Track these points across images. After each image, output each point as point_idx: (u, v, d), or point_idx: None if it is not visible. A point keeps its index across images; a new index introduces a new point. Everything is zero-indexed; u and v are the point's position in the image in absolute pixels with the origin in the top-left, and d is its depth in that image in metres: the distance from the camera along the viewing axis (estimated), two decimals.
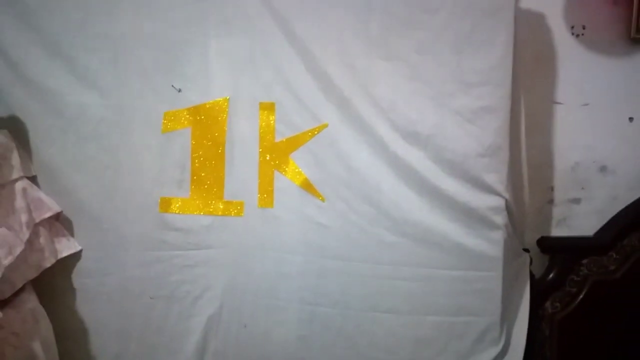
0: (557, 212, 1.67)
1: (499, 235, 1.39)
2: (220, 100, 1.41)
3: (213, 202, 1.43)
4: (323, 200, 1.42)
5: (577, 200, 1.66)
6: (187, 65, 1.40)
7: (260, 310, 1.45)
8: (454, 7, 1.34)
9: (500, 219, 1.38)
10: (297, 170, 1.42)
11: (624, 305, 1.58)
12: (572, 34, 1.60)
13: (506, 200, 1.38)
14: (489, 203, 1.38)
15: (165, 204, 1.43)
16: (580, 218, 1.66)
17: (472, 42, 1.34)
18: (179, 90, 1.40)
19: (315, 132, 1.40)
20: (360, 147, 1.39)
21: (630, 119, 1.62)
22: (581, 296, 1.60)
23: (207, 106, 1.41)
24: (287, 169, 1.42)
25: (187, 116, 1.41)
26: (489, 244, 1.39)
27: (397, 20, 1.35)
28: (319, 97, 1.39)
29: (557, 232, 1.67)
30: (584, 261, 1.61)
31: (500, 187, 1.37)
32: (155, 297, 1.44)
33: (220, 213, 1.44)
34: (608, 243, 1.59)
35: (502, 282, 1.39)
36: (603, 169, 1.63)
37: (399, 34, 1.36)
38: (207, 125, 1.41)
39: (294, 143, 1.42)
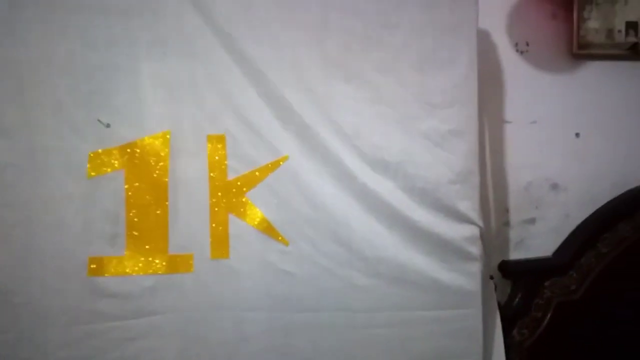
0: (513, 234, 1.85)
1: (475, 267, 1.51)
2: (158, 135, 1.40)
3: (155, 258, 1.41)
4: (287, 244, 1.45)
5: (532, 221, 1.85)
6: (114, 95, 1.37)
7: None
8: (413, 23, 1.47)
9: (476, 249, 1.51)
10: (255, 211, 1.44)
11: (587, 325, 1.79)
12: (517, 50, 1.82)
13: (480, 229, 1.52)
14: (464, 233, 1.50)
15: (96, 266, 1.37)
16: (537, 238, 1.86)
17: (434, 60, 1.47)
18: (107, 126, 1.37)
19: (275, 167, 1.44)
20: (325, 180, 1.46)
21: (577, 134, 1.86)
22: (547, 320, 1.78)
23: (144, 142, 1.39)
24: (243, 211, 1.44)
25: (119, 156, 1.38)
26: (466, 278, 1.51)
27: (354, 38, 1.45)
28: (275, 126, 1.44)
29: (515, 255, 1.85)
30: (546, 283, 1.80)
31: (474, 214, 1.51)
32: None
33: (164, 271, 1.41)
34: (567, 262, 1.80)
35: (481, 319, 1.51)
36: (554, 186, 1.84)
37: (357, 53, 1.45)
38: (144, 166, 1.39)
39: (250, 180, 1.44)
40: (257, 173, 1.42)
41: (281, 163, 1.43)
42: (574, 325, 1.77)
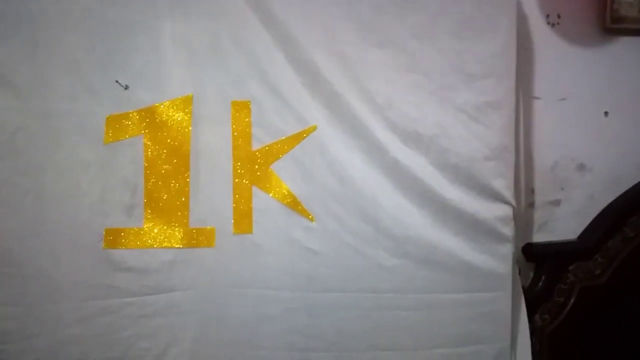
0: (537, 215, 1.82)
1: (507, 249, 1.50)
2: (180, 100, 1.36)
3: (175, 231, 1.38)
4: (312, 220, 1.43)
5: (557, 202, 1.82)
6: (134, 55, 1.34)
7: None
8: None
9: (509, 230, 1.50)
10: (280, 184, 1.42)
11: (611, 310, 1.78)
12: (548, 23, 1.77)
13: (513, 209, 1.50)
14: (497, 213, 1.48)
15: (112, 238, 1.34)
16: (561, 220, 1.83)
17: (473, 27, 1.44)
18: (126, 87, 1.34)
19: (302, 137, 1.41)
20: (354, 153, 1.43)
21: (605, 113, 1.82)
22: (569, 305, 1.76)
23: (164, 107, 1.36)
24: (268, 184, 1.41)
25: (138, 121, 1.35)
26: (497, 260, 1.49)
27: (389, 2, 1.42)
28: (303, 94, 1.40)
29: (538, 237, 1.82)
30: (571, 267, 1.77)
31: (508, 193, 1.49)
32: None
33: (184, 245, 1.38)
34: (593, 246, 1.77)
35: (510, 303, 1.51)
36: (581, 167, 1.83)
37: (392, 17, 1.42)
38: (165, 132, 1.36)
39: (276, 151, 1.41)
40: (283, 144, 1.39)
41: (308, 134, 1.40)
42: (598, 311, 1.75)
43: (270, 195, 1.40)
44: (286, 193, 1.40)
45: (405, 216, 1.44)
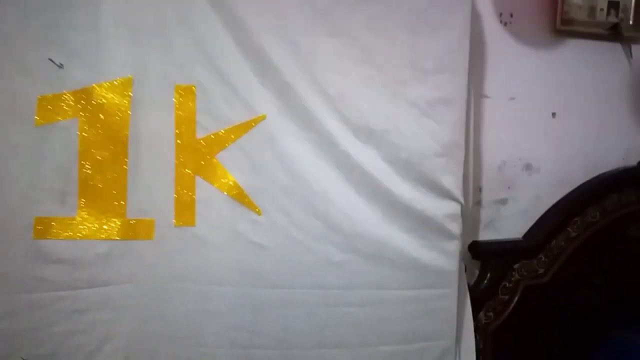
0: (485, 214, 1.83)
1: (454, 246, 1.50)
2: (119, 81, 1.31)
3: (111, 222, 1.32)
4: (259, 213, 1.40)
5: (503, 201, 1.84)
6: (71, 33, 1.27)
7: None
8: None
9: (457, 227, 1.50)
10: (226, 175, 1.38)
11: (554, 309, 1.81)
12: (500, 21, 1.77)
13: (461, 206, 1.50)
14: (446, 210, 1.48)
15: (42, 227, 1.28)
16: (507, 219, 1.85)
17: (427, 22, 1.43)
18: (60, 66, 1.27)
19: (250, 126, 1.37)
20: (305, 146, 1.40)
21: (553, 114, 1.86)
22: (513, 303, 1.78)
23: (102, 89, 1.30)
24: (212, 174, 1.37)
25: (73, 102, 1.28)
26: (445, 257, 1.49)
27: None
28: (252, 81, 1.36)
29: (485, 235, 1.83)
30: (515, 266, 1.79)
31: (457, 190, 1.48)
32: (30, 357, 1.30)
33: (121, 236, 1.33)
34: (538, 245, 1.80)
35: (456, 300, 1.51)
36: (528, 167, 1.86)
37: (347, 8, 1.40)
38: (102, 116, 1.30)
39: (222, 140, 1.37)
40: (229, 132, 1.35)
41: (257, 123, 1.36)
42: (541, 309, 1.79)
43: (215, 186, 1.36)
44: (232, 185, 1.36)
45: (355, 212, 1.42)
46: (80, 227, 1.29)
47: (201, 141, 1.34)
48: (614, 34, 1.80)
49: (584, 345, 1.80)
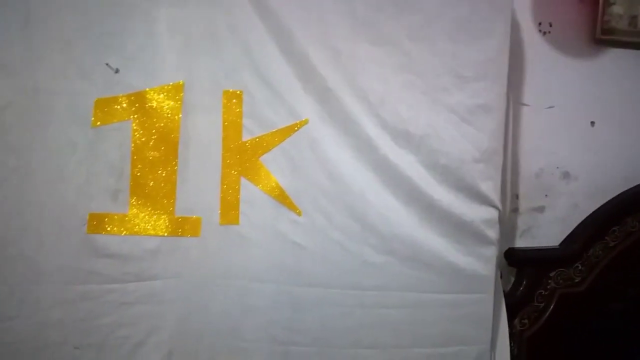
0: (521, 221, 1.84)
1: (491, 252, 1.52)
2: (171, 86, 1.37)
3: (160, 219, 1.39)
4: (300, 214, 1.44)
5: (541, 209, 1.85)
6: (127, 39, 1.35)
7: (221, 355, 1.44)
8: None
9: (494, 232, 1.52)
10: (269, 177, 1.43)
11: (588, 318, 1.80)
12: (539, 31, 1.80)
13: (499, 212, 1.52)
14: (483, 215, 1.50)
15: (96, 222, 1.36)
16: (544, 227, 1.86)
17: (468, 30, 1.46)
18: (116, 71, 1.34)
19: (292, 130, 1.43)
20: (344, 149, 1.45)
21: (592, 123, 1.86)
22: (549, 311, 1.79)
23: (154, 93, 1.37)
24: (256, 175, 1.43)
25: (127, 105, 1.35)
26: (481, 262, 1.51)
27: (387, 0, 1.43)
28: (295, 87, 1.42)
29: (521, 242, 1.85)
30: (552, 274, 1.80)
31: (495, 196, 1.51)
32: (81, 347, 1.38)
33: (169, 233, 1.40)
34: (574, 254, 1.81)
35: (492, 305, 1.54)
36: (566, 175, 1.86)
37: (388, 16, 1.44)
38: (154, 118, 1.37)
39: (266, 143, 1.43)
40: (273, 136, 1.41)
41: (299, 127, 1.42)
42: (576, 318, 1.79)
43: (259, 187, 1.41)
44: (274, 186, 1.41)
45: (392, 214, 1.46)
46: (131, 223, 1.36)
47: (246, 144, 1.40)
48: None
49: (620, 357, 1.79)
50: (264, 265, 1.43)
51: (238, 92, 1.39)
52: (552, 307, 1.77)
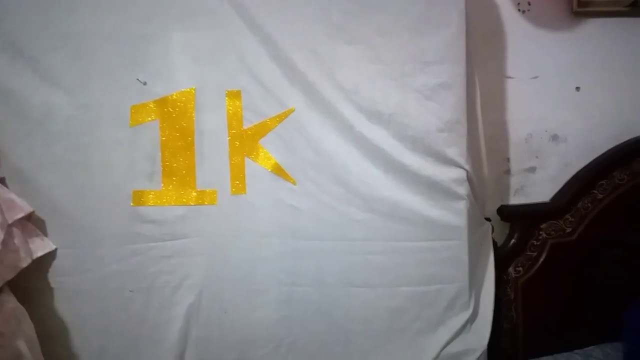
0: (514, 181, 2.05)
1: (462, 205, 1.74)
2: (186, 91, 1.67)
3: (186, 192, 1.69)
4: (294, 183, 1.71)
5: (532, 169, 2.04)
6: (150, 59, 1.64)
7: (239, 295, 1.72)
8: None
9: (463, 189, 1.73)
10: (267, 155, 1.71)
11: (580, 264, 1.98)
12: (519, 10, 1.98)
13: (467, 172, 1.74)
14: (451, 175, 1.72)
15: (138, 197, 1.67)
16: (536, 186, 2.05)
17: (428, 22, 1.67)
18: (145, 83, 1.65)
19: (282, 118, 1.69)
20: (327, 130, 1.70)
21: (577, 88, 2.01)
22: (541, 259, 1.99)
23: (174, 97, 1.67)
24: (257, 155, 1.71)
25: (154, 108, 1.66)
26: (453, 214, 1.74)
27: (357, 5, 1.66)
28: (283, 83, 1.68)
29: (515, 200, 2.05)
30: (543, 225, 1.99)
31: (461, 159, 1.72)
32: (134, 290, 1.68)
33: (193, 202, 1.69)
34: (564, 207, 1.98)
35: (467, 250, 1.74)
36: (554, 137, 1.99)
37: (359, 19, 1.66)
38: (175, 116, 1.67)
39: (262, 129, 1.70)
40: (268, 123, 1.68)
41: (287, 115, 1.67)
42: (568, 265, 1.95)
43: (260, 164, 1.68)
44: (272, 162, 1.68)
45: (371, 180, 1.69)
46: (164, 196, 1.65)
47: (247, 131, 1.66)
48: (633, 9, 1.92)
49: (616, 302, 1.92)
50: (269, 225, 1.69)
51: (237, 91, 1.65)
52: (544, 255, 1.95)
